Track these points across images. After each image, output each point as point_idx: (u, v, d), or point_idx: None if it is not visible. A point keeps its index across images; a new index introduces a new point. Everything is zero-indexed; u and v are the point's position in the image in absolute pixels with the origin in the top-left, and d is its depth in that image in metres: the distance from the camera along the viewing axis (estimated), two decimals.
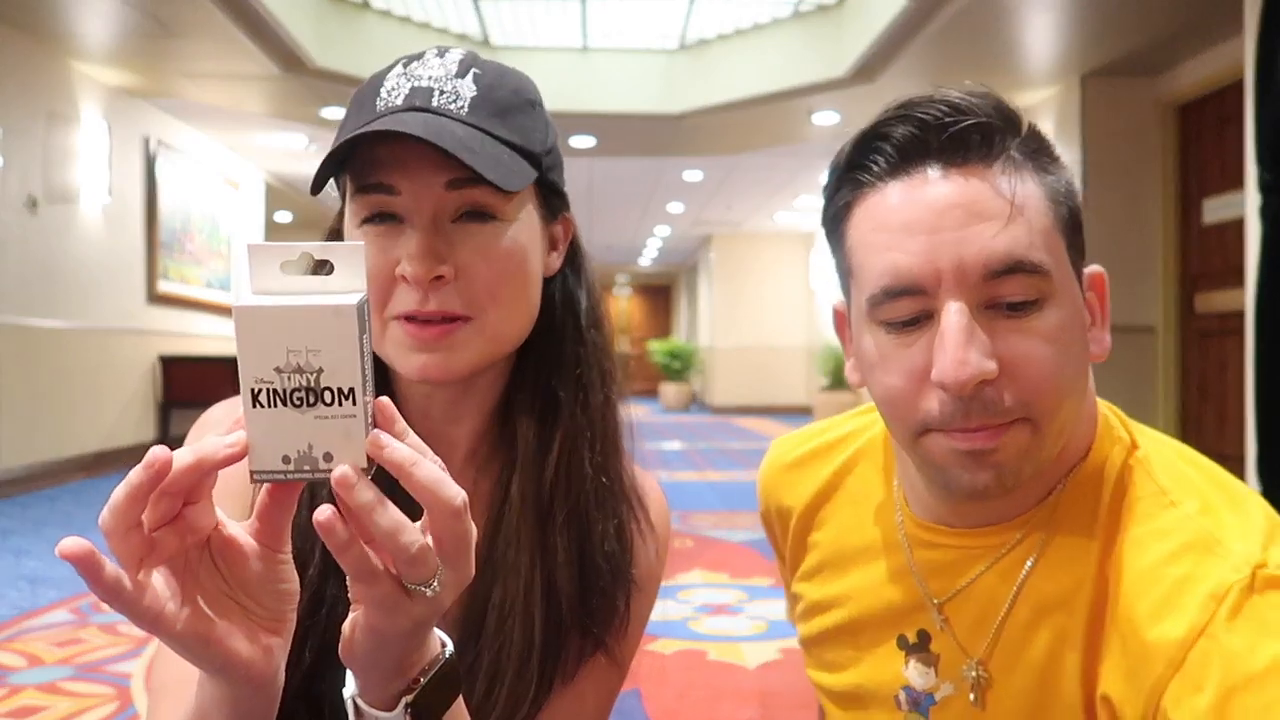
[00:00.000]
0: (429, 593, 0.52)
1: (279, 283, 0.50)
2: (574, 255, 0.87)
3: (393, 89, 0.74)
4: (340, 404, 0.49)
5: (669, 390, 14.94)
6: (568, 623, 0.79)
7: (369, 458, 0.50)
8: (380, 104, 0.74)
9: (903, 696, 0.79)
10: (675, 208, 11.95)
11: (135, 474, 0.47)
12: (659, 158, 8.90)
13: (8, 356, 5.26)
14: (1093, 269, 0.73)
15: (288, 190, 9.99)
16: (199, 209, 7.99)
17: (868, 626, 0.83)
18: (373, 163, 0.72)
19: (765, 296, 13.93)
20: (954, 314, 0.64)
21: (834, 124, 7.30)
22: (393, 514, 0.50)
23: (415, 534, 0.51)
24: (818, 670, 0.89)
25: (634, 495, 0.86)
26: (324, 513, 0.49)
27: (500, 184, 0.70)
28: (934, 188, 0.67)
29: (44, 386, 5.62)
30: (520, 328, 0.79)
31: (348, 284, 0.50)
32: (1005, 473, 0.67)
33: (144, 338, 7.00)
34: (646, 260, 18.31)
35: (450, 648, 0.61)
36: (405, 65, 0.76)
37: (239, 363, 0.48)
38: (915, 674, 0.78)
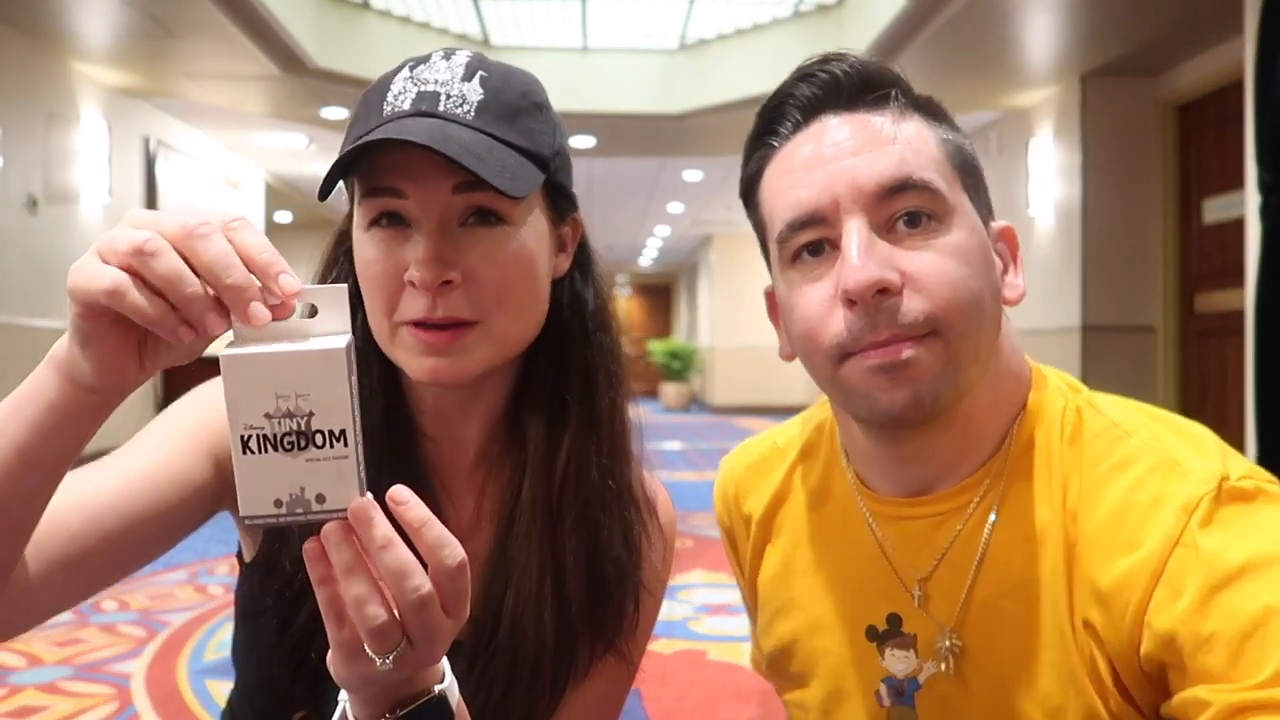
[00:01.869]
0: (379, 664, 0.53)
1: (264, 328, 0.50)
2: (583, 257, 0.86)
3: (399, 93, 0.74)
4: (332, 445, 0.49)
5: (669, 390, 14.93)
6: (578, 626, 0.79)
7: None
8: (387, 108, 0.74)
9: (883, 689, 0.78)
10: (675, 208, 11.95)
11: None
12: (659, 158, 8.89)
13: (8, 356, 5.26)
14: (1001, 223, 0.78)
15: (288, 190, 9.99)
16: None
17: (834, 624, 0.82)
18: (380, 167, 0.72)
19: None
20: (852, 230, 0.69)
21: None
22: (361, 586, 0.51)
23: (379, 611, 0.51)
24: (790, 689, 0.87)
25: (642, 499, 0.85)
26: (312, 542, 0.51)
27: (506, 190, 0.70)
28: (831, 132, 0.73)
29: None
30: (528, 330, 0.78)
31: (333, 325, 0.51)
32: (922, 389, 0.68)
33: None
34: (646, 260, 18.30)
35: (447, 683, 0.61)
36: (411, 69, 0.76)
37: (228, 410, 0.49)
38: (895, 662, 0.78)
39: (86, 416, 0.55)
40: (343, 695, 0.60)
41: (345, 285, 0.52)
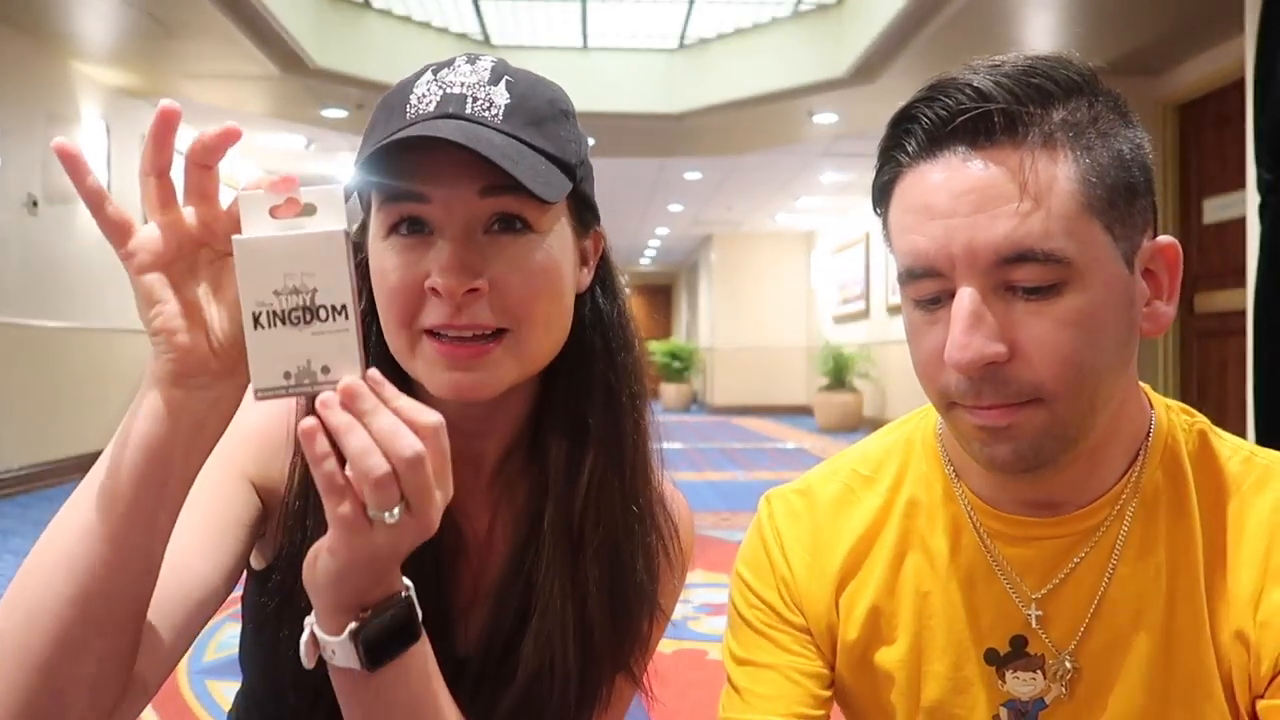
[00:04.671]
0: (388, 519, 0.54)
1: (270, 225, 0.55)
2: (604, 271, 0.84)
3: (423, 96, 0.72)
4: (334, 319, 0.54)
5: (669, 390, 14.94)
6: (600, 653, 0.78)
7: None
8: (411, 111, 0.71)
9: (1003, 715, 0.76)
10: (675, 208, 11.95)
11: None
12: (659, 158, 8.89)
13: (8, 356, 5.26)
14: (1162, 239, 0.72)
15: None
16: None
17: (946, 648, 0.78)
18: (402, 170, 0.70)
19: (765, 296, 13.92)
20: (963, 299, 0.66)
21: (834, 124, 7.29)
22: (363, 438, 0.53)
23: (381, 460, 0.53)
24: (876, 718, 0.83)
25: (663, 521, 0.84)
26: (309, 422, 0.54)
27: (540, 193, 0.68)
28: (956, 172, 0.67)
29: (44, 386, 5.61)
30: (554, 345, 0.76)
31: (330, 221, 0.56)
32: (1023, 449, 0.68)
33: (144, 337, 6.91)
34: (646, 260, 18.31)
35: (410, 592, 0.62)
36: (435, 72, 0.74)
37: (240, 291, 0.54)
38: (1019, 684, 0.75)
39: (182, 421, 0.57)
40: (309, 620, 0.61)
41: (341, 186, 0.56)
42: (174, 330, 0.56)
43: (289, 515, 0.76)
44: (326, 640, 0.60)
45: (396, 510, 0.54)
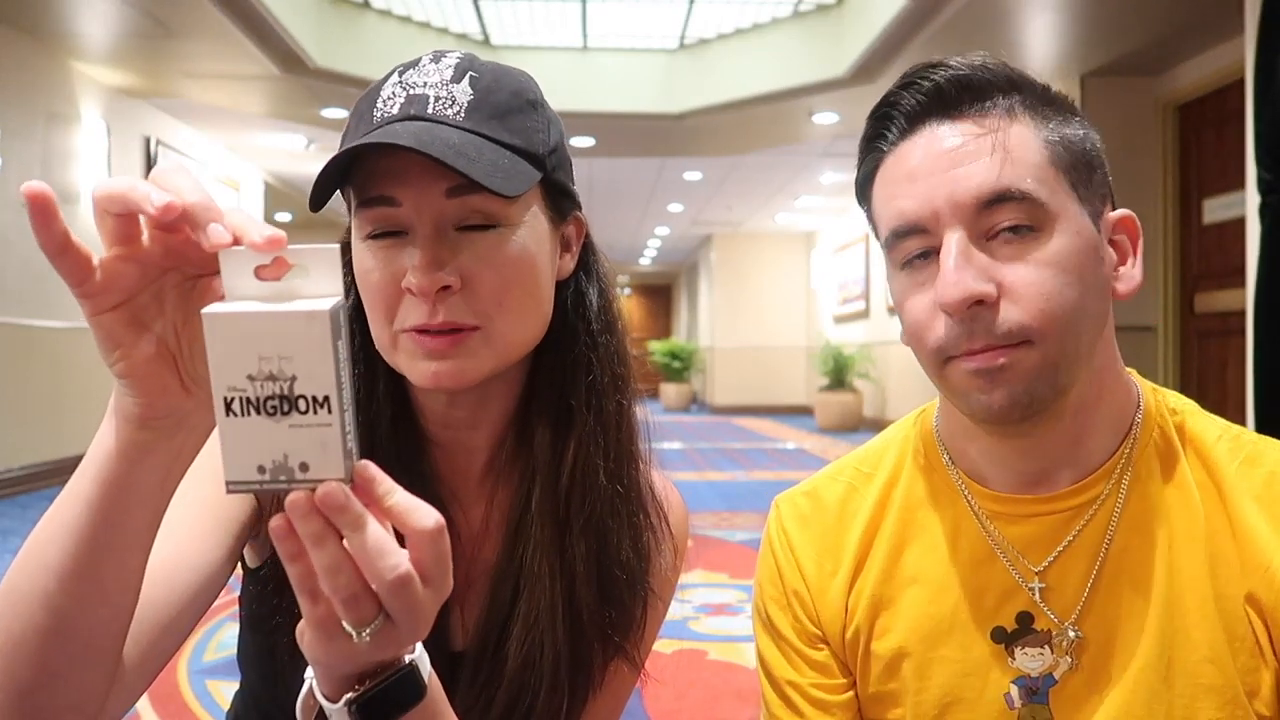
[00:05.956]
0: (355, 638, 0.50)
1: (254, 288, 0.48)
2: (587, 256, 0.85)
3: (388, 98, 0.73)
4: (315, 413, 0.47)
5: (669, 390, 14.94)
6: (589, 633, 0.78)
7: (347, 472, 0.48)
8: (377, 114, 0.73)
9: (1014, 691, 0.77)
10: (675, 208, 11.95)
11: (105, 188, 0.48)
12: (659, 158, 8.89)
13: (8, 356, 5.26)
14: (1121, 211, 0.78)
15: (288, 191, 9.99)
16: None
17: (952, 630, 0.80)
18: (372, 175, 0.71)
19: (765, 296, 13.92)
20: (949, 243, 0.71)
21: (834, 124, 7.29)
22: (332, 553, 0.48)
23: (350, 579, 0.49)
24: (887, 708, 0.83)
25: (651, 502, 0.84)
26: (277, 521, 0.48)
27: (497, 189, 0.69)
28: (932, 142, 0.74)
29: (44, 386, 5.62)
30: (532, 334, 0.77)
31: (324, 289, 0.49)
32: (1017, 393, 0.71)
33: None
34: (646, 260, 18.31)
35: (417, 654, 0.58)
36: (400, 74, 0.75)
37: (210, 369, 0.47)
38: (1028, 660, 0.78)
39: (149, 460, 0.53)
40: (308, 673, 0.59)
41: (337, 247, 0.49)
42: (141, 375, 0.51)
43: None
44: (324, 703, 0.57)
45: (369, 629, 0.50)
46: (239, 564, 0.85)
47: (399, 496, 0.50)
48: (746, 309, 13.95)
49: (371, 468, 0.49)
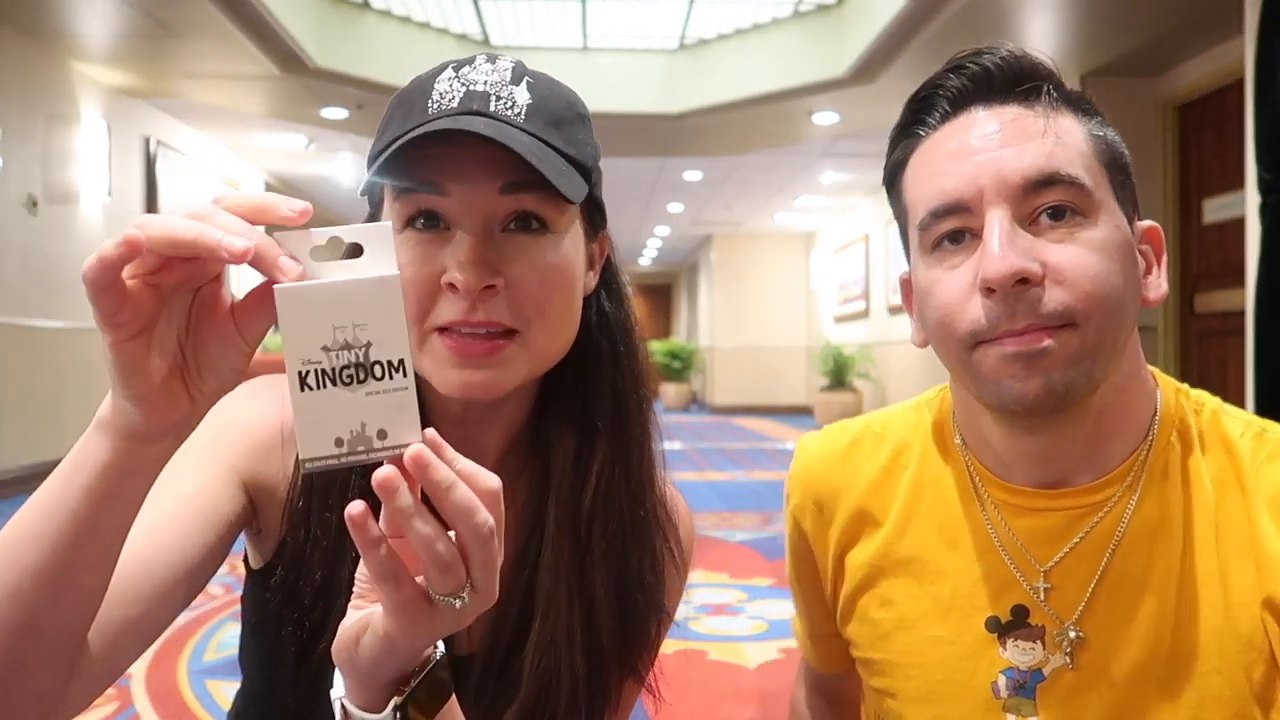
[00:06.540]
0: (457, 604, 0.51)
1: (314, 267, 0.50)
2: (609, 275, 0.84)
3: (445, 92, 0.71)
4: (391, 377, 0.48)
5: (669, 390, 14.93)
6: (609, 658, 0.77)
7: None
8: (432, 107, 0.71)
9: (1002, 681, 0.77)
10: (675, 208, 11.95)
11: (109, 248, 0.47)
12: (659, 158, 8.89)
13: (8, 356, 5.26)
14: (1147, 223, 0.77)
15: (288, 190, 9.98)
16: None
17: (948, 613, 0.80)
18: (421, 163, 0.69)
19: (765, 296, 13.92)
20: (996, 220, 0.69)
21: (834, 124, 7.29)
22: (432, 521, 0.49)
23: (451, 546, 0.49)
24: (881, 676, 0.85)
25: (667, 523, 0.83)
26: (357, 506, 0.48)
27: (566, 193, 0.68)
28: (981, 123, 0.73)
29: (44, 386, 5.62)
30: (563, 345, 0.76)
31: (379, 262, 0.50)
32: (1055, 378, 0.68)
33: None
34: (646, 260, 18.30)
35: (441, 650, 0.60)
36: (456, 69, 0.73)
37: (284, 348, 0.48)
38: (1018, 653, 0.77)
39: (144, 471, 0.54)
40: (335, 692, 0.59)
41: (390, 224, 0.51)
42: (155, 398, 0.51)
43: (293, 514, 0.75)
44: (365, 717, 0.57)
45: (465, 593, 0.51)
46: (244, 564, 0.85)
47: (464, 463, 0.50)
48: (746, 309, 13.95)
49: (434, 432, 0.50)
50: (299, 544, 0.74)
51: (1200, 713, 0.71)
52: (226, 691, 2.49)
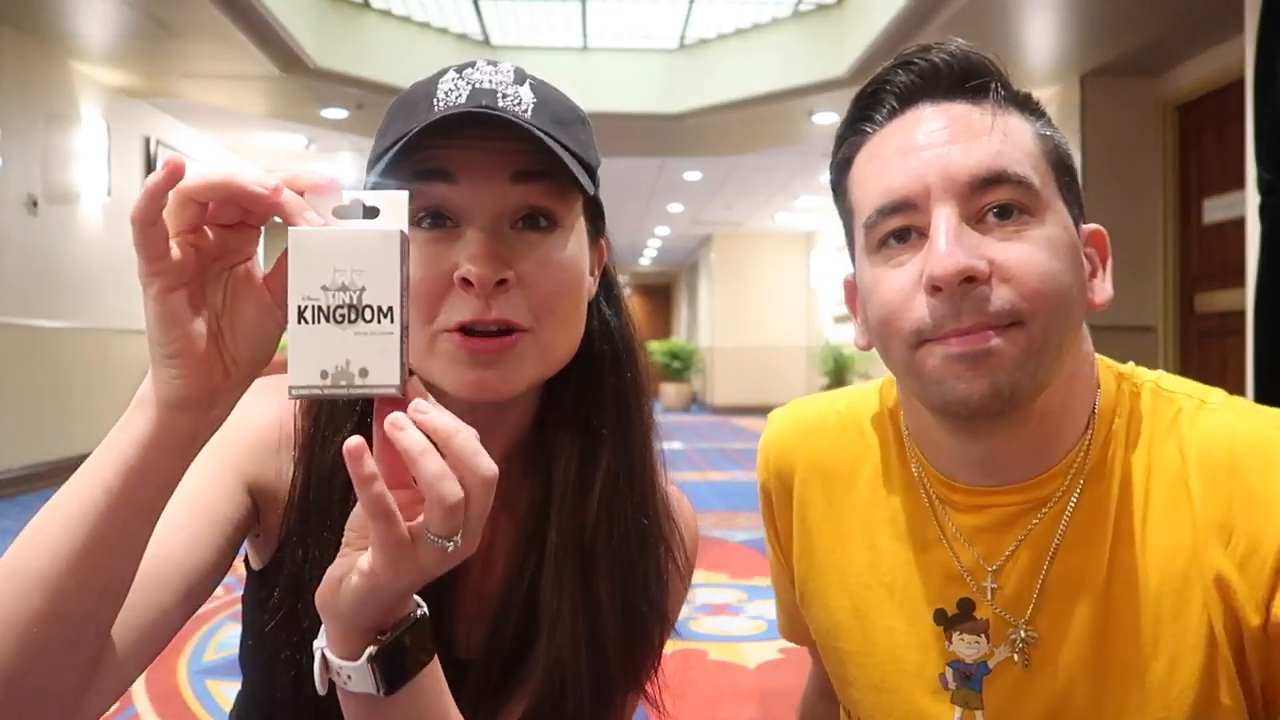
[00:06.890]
0: (450, 547, 0.53)
1: (331, 224, 0.55)
2: (608, 282, 0.83)
3: (450, 90, 0.71)
4: (379, 321, 0.52)
5: (669, 390, 14.93)
6: (614, 670, 0.76)
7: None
8: (438, 104, 0.70)
9: (949, 674, 0.78)
10: (675, 208, 11.95)
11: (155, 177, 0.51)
12: (659, 158, 8.89)
13: (8, 356, 5.26)
14: (1092, 226, 0.77)
15: None
16: None
17: (898, 604, 0.81)
18: (428, 159, 0.69)
19: (765, 296, 13.92)
20: (943, 217, 0.69)
21: (834, 124, 7.24)
22: (438, 462, 0.51)
23: (457, 486, 0.51)
24: (838, 661, 0.86)
25: (671, 531, 0.83)
26: (354, 440, 0.51)
27: (579, 180, 0.68)
28: (928, 119, 0.73)
29: (44, 386, 5.61)
30: (571, 346, 0.75)
31: (392, 224, 0.55)
32: (1001, 379, 0.67)
33: (144, 338, 6.96)
34: (646, 260, 18.31)
35: (424, 609, 0.60)
36: (459, 71, 0.74)
37: (289, 283, 0.52)
38: (964, 646, 0.77)
39: (178, 447, 0.55)
40: (318, 643, 0.60)
41: (407, 193, 0.55)
42: (193, 356, 0.54)
43: (295, 513, 0.75)
44: (341, 665, 0.58)
45: (459, 535, 0.53)
46: (244, 565, 0.84)
47: (440, 414, 0.53)
48: (746, 309, 13.94)
49: (419, 383, 0.54)
50: (297, 565, 0.74)
51: (1147, 705, 0.70)
52: (227, 691, 2.49)
